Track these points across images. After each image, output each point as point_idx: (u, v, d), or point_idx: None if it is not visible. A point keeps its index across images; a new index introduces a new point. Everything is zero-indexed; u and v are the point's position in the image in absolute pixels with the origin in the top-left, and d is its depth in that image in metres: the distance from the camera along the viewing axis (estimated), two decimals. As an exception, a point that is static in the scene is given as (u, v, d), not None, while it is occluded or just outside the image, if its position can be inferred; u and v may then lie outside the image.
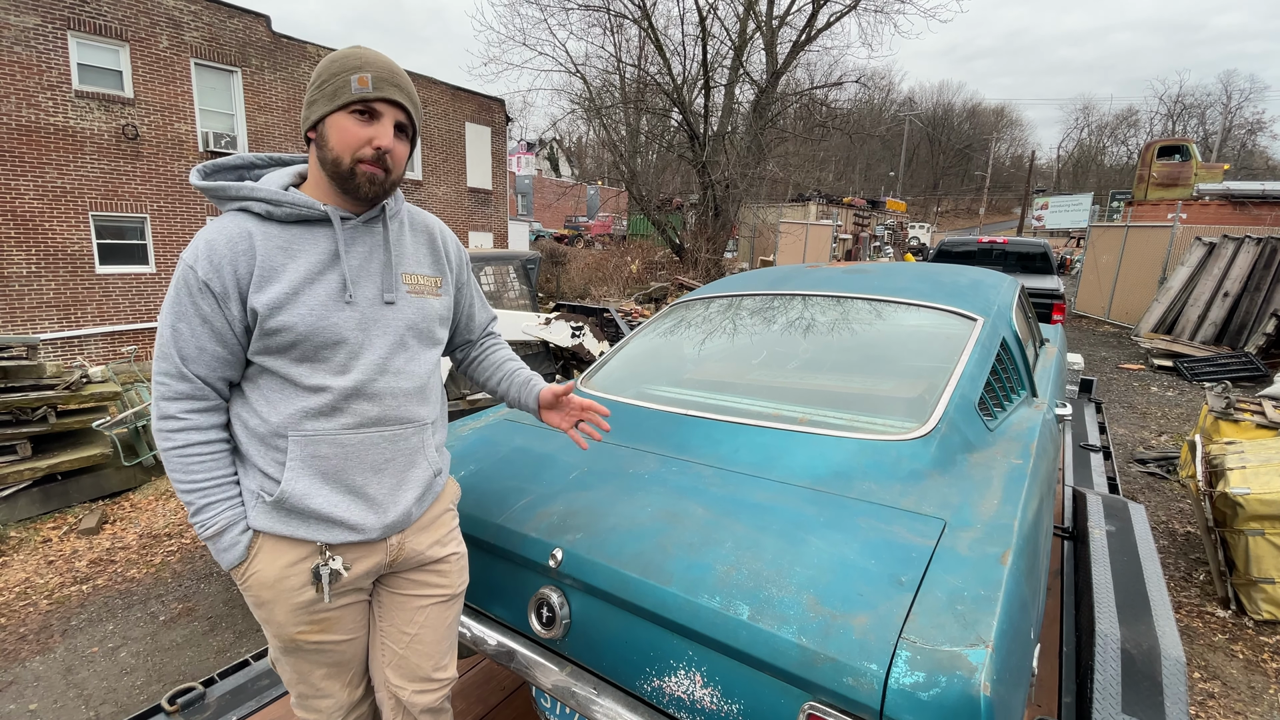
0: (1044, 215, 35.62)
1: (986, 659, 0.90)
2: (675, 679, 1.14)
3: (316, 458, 1.09)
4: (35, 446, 4.65)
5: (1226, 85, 52.37)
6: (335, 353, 1.09)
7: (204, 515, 1.09)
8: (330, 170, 1.09)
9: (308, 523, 1.10)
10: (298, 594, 1.12)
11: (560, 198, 32.87)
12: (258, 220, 1.08)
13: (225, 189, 1.09)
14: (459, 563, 1.31)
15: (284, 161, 1.22)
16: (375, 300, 1.14)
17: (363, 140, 1.07)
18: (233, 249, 1.04)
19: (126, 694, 2.82)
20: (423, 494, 1.23)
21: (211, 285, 1.03)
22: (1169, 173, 16.50)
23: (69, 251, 9.14)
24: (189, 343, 1.05)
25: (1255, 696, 2.54)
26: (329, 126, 1.07)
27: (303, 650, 1.18)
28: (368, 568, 1.18)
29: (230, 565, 1.11)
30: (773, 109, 15.07)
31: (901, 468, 1.39)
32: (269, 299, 1.04)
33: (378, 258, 1.15)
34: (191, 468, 1.08)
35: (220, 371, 1.09)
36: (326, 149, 1.08)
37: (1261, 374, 7.54)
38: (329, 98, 1.06)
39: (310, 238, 1.10)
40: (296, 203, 1.08)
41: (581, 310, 7.19)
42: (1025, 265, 8.91)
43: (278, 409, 1.09)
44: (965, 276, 2.29)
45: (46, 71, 8.73)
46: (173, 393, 1.06)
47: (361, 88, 1.05)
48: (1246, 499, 2.87)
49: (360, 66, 1.06)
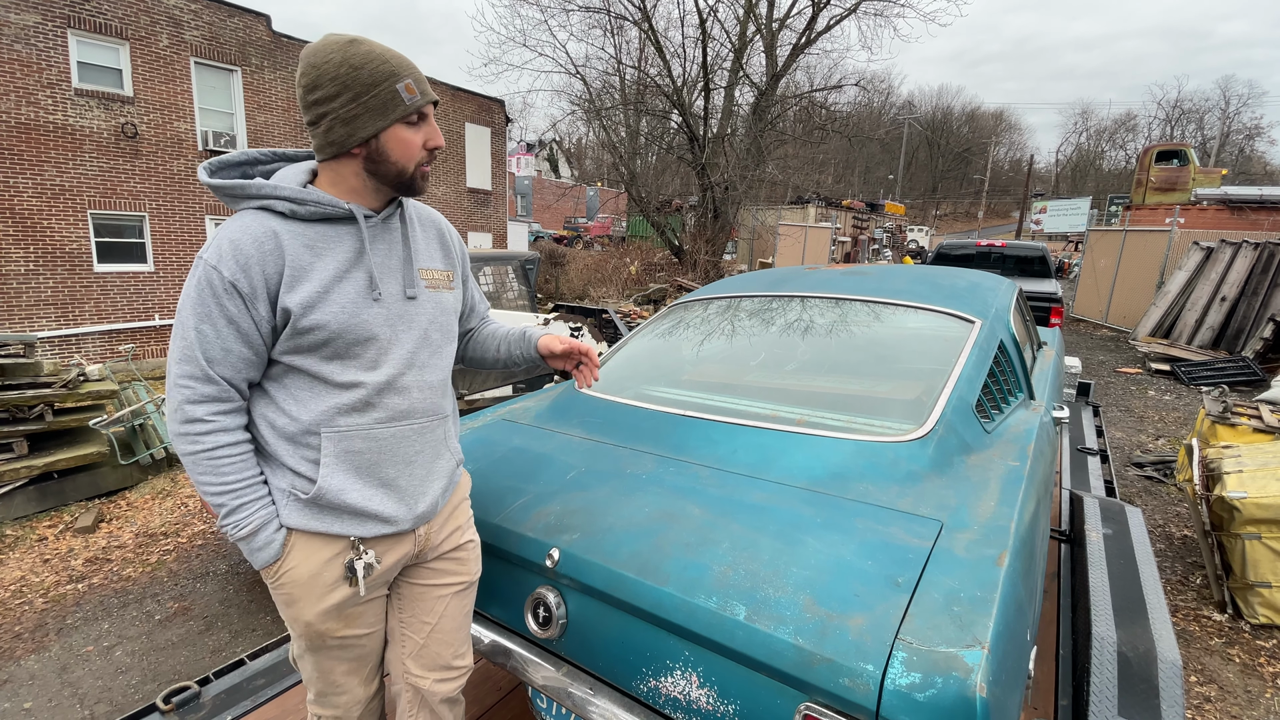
0: (1042, 219, 35.65)
1: (982, 660, 0.90)
2: (671, 679, 1.14)
3: (351, 453, 1.11)
4: (32, 444, 4.64)
5: (1225, 91, 52.43)
6: (366, 349, 1.11)
7: (237, 516, 1.08)
8: (392, 181, 1.11)
9: (341, 518, 1.12)
10: (330, 590, 1.13)
11: (559, 199, 32.87)
12: (281, 219, 1.06)
13: (244, 187, 1.06)
14: (475, 550, 1.35)
15: (288, 157, 1.20)
16: (399, 296, 1.15)
17: (419, 146, 1.10)
18: (260, 249, 1.02)
19: (121, 693, 2.81)
20: (447, 485, 1.26)
21: (239, 286, 1.01)
22: (1167, 177, 16.55)
23: (67, 249, 9.12)
24: (214, 345, 1.03)
25: (1252, 700, 2.54)
26: (388, 141, 1.07)
27: (328, 646, 1.19)
28: (397, 559, 1.20)
29: (264, 564, 1.11)
30: (772, 111, 15.09)
31: (899, 469, 1.39)
32: (301, 298, 1.04)
33: (397, 254, 1.17)
34: (222, 470, 1.06)
35: (245, 373, 1.08)
36: (387, 162, 1.08)
37: (1258, 378, 7.55)
38: (378, 112, 1.04)
39: (334, 236, 1.09)
40: (321, 201, 1.07)
41: (580, 311, 7.19)
42: (1023, 269, 8.93)
43: (308, 407, 1.09)
44: (963, 279, 2.30)
45: (46, 69, 8.72)
46: (199, 395, 1.04)
47: (412, 96, 1.06)
48: (1243, 503, 2.87)
49: (396, 72, 1.05)
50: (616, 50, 15.14)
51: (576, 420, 1.85)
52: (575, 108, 16.36)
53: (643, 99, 15.63)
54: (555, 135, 34.01)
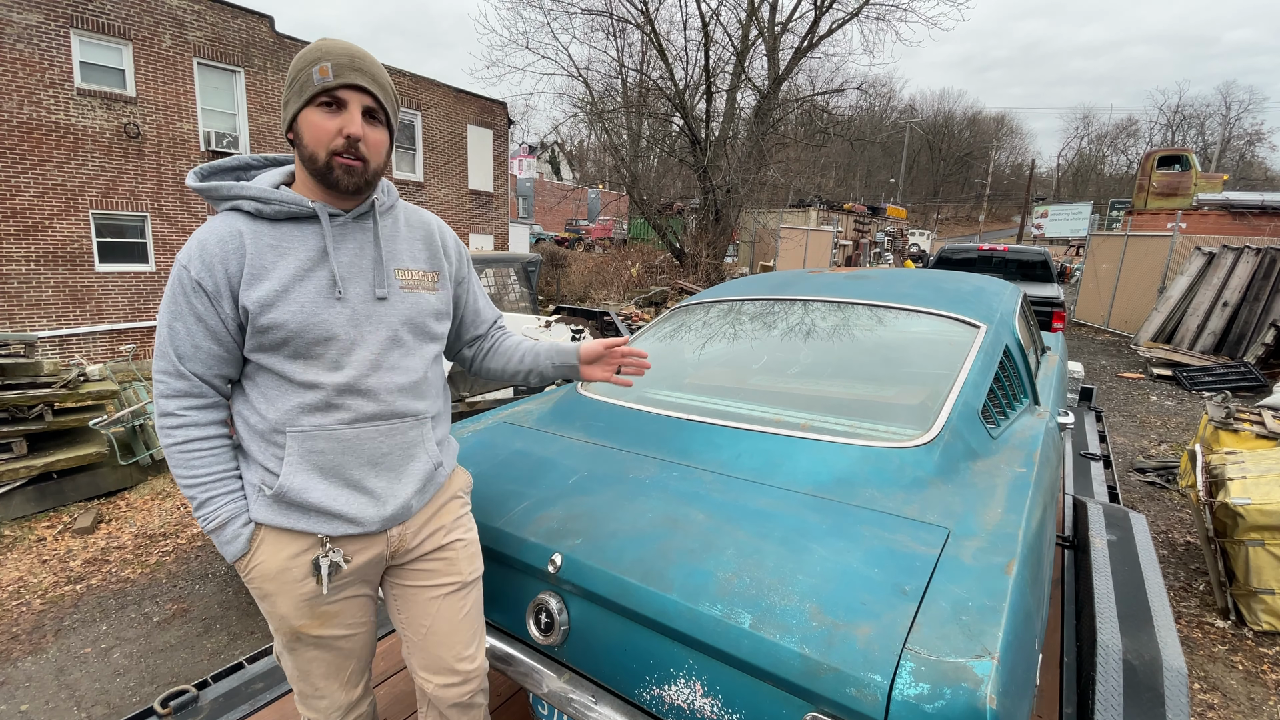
0: (1044, 223, 35.70)
1: (992, 671, 0.88)
2: (675, 687, 1.12)
3: (314, 453, 1.11)
4: (31, 444, 4.63)
5: (1226, 96, 52.65)
6: (327, 349, 1.10)
7: (206, 509, 1.11)
8: (310, 167, 1.09)
9: (307, 515, 1.12)
10: (299, 586, 1.14)
11: (561, 201, 32.90)
12: (249, 219, 1.09)
13: (218, 189, 1.10)
14: (466, 550, 1.31)
15: (278, 162, 1.23)
16: (367, 296, 1.14)
17: (332, 131, 1.05)
18: (223, 248, 1.06)
19: (119, 696, 2.80)
20: (423, 486, 1.23)
21: (204, 284, 1.05)
22: (1169, 182, 16.53)
23: (69, 249, 9.13)
24: (185, 341, 1.07)
25: (1255, 708, 2.53)
26: (301, 123, 1.07)
27: (304, 645, 1.19)
28: (368, 559, 1.19)
29: (234, 557, 1.13)
30: (774, 115, 15.09)
31: (905, 475, 1.38)
32: (259, 296, 1.06)
33: (369, 254, 1.16)
34: (192, 463, 1.10)
35: (217, 369, 1.10)
36: (303, 146, 1.08)
37: (1261, 384, 7.54)
38: (297, 94, 1.06)
39: (300, 235, 1.10)
40: (285, 200, 1.08)
41: (582, 313, 7.17)
42: (1025, 273, 8.92)
43: (275, 406, 1.11)
44: (968, 283, 2.29)
45: (49, 69, 8.73)
46: (171, 390, 1.09)
47: (323, 78, 1.04)
48: (1247, 509, 2.86)
49: (320, 57, 1.04)
50: (619, 53, 15.16)
51: (579, 424, 1.83)
52: (577, 110, 16.38)
53: (645, 102, 15.64)
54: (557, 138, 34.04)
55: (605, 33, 15.09)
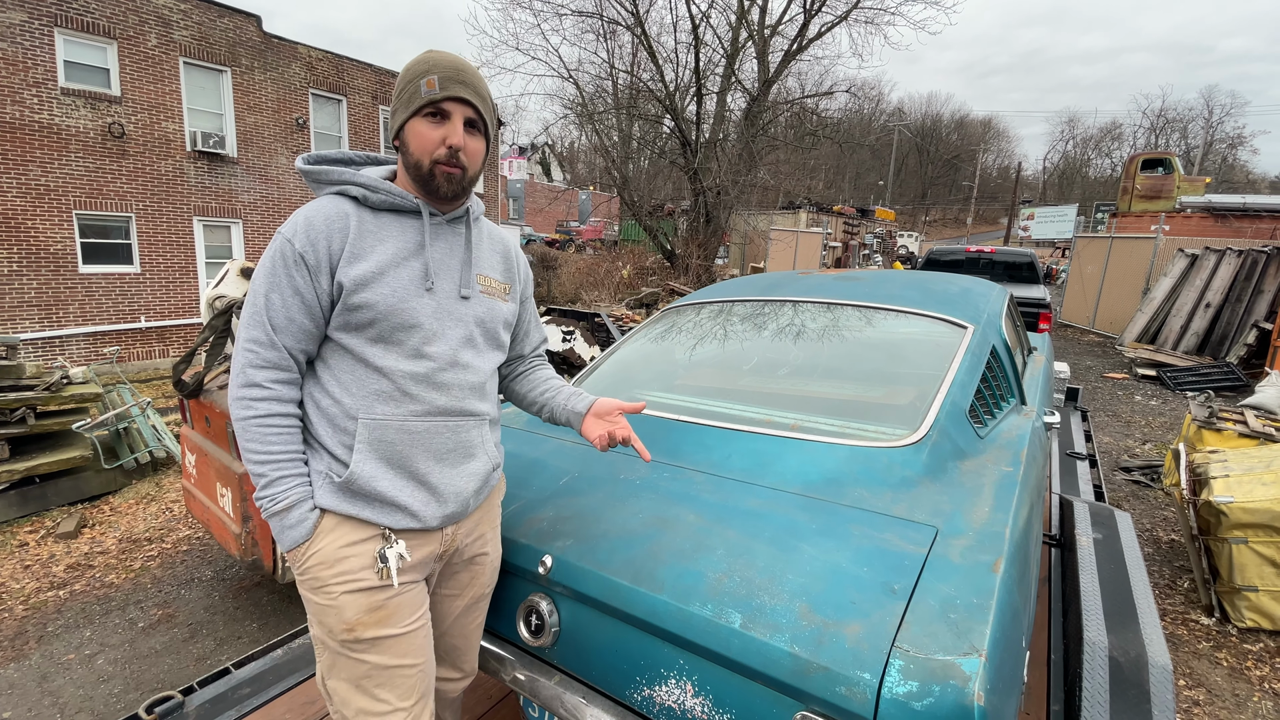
0: (1030, 225, 36.07)
1: (980, 668, 0.89)
2: (666, 688, 1.12)
3: (382, 442, 1.12)
4: (13, 448, 4.56)
5: (1208, 101, 53.42)
6: (410, 336, 1.13)
7: (274, 489, 1.09)
8: (413, 174, 1.15)
9: (372, 505, 1.12)
10: (357, 576, 1.11)
11: (552, 202, 32.84)
12: (354, 204, 1.14)
13: (329, 173, 1.16)
14: (489, 563, 1.34)
15: (379, 160, 1.28)
16: (452, 293, 1.19)
17: (436, 141, 1.11)
18: (329, 225, 1.10)
19: (103, 702, 2.76)
20: (481, 486, 1.25)
21: (306, 258, 1.08)
22: (1152, 185, 16.76)
23: (51, 250, 9.00)
24: (279, 313, 1.09)
25: (1239, 704, 2.56)
26: (407, 133, 1.13)
27: (359, 649, 1.11)
28: (422, 556, 1.20)
29: (293, 543, 1.10)
30: (764, 117, 15.17)
31: (893, 475, 1.38)
32: (356, 274, 1.09)
33: (457, 254, 1.22)
34: (269, 438, 1.09)
35: (304, 344, 1.12)
36: (408, 154, 1.14)
37: (1243, 384, 7.65)
38: (405, 105, 1.12)
39: (399, 226, 1.16)
40: (392, 191, 1.15)
41: (573, 315, 7.16)
42: (1012, 274, 9.00)
43: (350, 391, 1.12)
44: (955, 285, 2.31)
45: (32, 68, 8.61)
46: (262, 360, 1.09)
47: (429, 90, 1.10)
48: (1230, 507, 2.90)
49: (428, 70, 1.10)
50: (609, 54, 15.19)
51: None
52: (568, 112, 16.36)
53: (635, 103, 15.66)
54: (548, 139, 33.99)
55: (595, 34, 15.13)
